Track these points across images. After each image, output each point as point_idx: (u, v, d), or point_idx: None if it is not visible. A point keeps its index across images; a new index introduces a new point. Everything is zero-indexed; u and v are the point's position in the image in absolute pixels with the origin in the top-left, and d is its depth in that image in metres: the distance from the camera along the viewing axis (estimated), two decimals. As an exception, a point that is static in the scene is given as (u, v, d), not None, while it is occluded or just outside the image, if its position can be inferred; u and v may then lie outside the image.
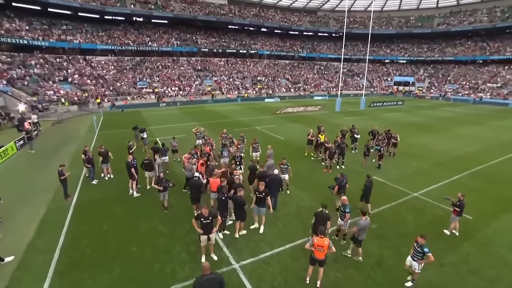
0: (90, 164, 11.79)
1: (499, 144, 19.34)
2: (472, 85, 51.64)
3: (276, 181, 9.47)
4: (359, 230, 7.09)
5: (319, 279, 6.59)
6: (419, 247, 6.40)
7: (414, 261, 6.51)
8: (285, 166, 10.60)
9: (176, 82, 43.83)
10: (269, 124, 25.37)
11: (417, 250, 6.44)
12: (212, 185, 9.50)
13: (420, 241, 6.38)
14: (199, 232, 7.15)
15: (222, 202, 8.17)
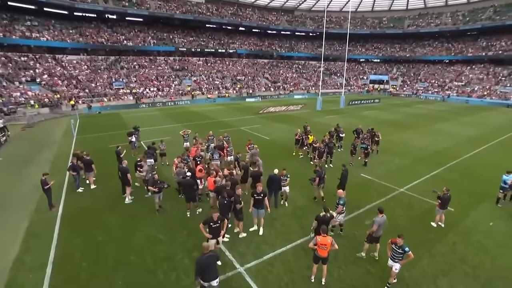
0: (75, 172, 11.19)
1: (467, 140, 20.79)
2: (440, 83, 55.02)
3: (275, 180, 9.78)
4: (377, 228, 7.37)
5: (323, 277, 6.80)
6: (398, 248, 6.35)
7: (396, 262, 6.47)
8: (285, 177, 9.98)
9: (155, 82, 42.58)
10: (253, 124, 25.45)
11: (396, 251, 6.40)
12: (209, 184, 9.53)
13: (399, 241, 6.36)
14: (207, 237, 7.11)
15: (224, 206, 8.14)
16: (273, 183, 9.80)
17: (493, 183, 12.92)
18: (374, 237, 7.48)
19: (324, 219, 7.50)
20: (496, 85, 48.48)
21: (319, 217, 7.55)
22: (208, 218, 7.13)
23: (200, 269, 5.68)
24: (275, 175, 9.81)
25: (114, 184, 12.12)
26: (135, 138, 17.53)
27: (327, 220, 7.52)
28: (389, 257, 6.62)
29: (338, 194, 8.63)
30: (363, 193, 11.78)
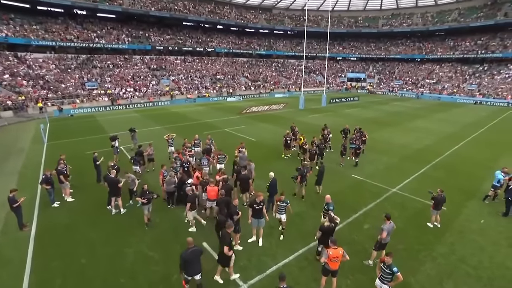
0: (49, 185, 10.07)
1: (445, 137, 21.61)
2: (413, 81, 57.44)
3: (274, 185, 9.62)
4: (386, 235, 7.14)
5: (332, 290, 6.50)
6: (387, 267, 5.72)
7: (384, 284, 5.83)
8: (283, 204, 8.17)
9: (131, 82, 40.55)
10: (238, 125, 24.89)
11: (385, 271, 5.75)
12: (209, 193, 9.05)
13: (387, 260, 5.73)
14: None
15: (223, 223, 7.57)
16: (273, 188, 9.57)
17: (475, 179, 13.49)
18: (382, 244, 7.29)
19: (330, 229, 7.20)
20: (463, 83, 51.41)
21: (324, 228, 7.23)
22: None
23: (184, 263, 5.93)
24: (273, 179, 9.67)
25: (94, 195, 11.21)
26: (133, 139, 16.70)
27: (333, 230, 7.23)
28: (378, 276, 6.00)
29: (326, 200, 8.38)
30: (357, 194, 11.71)
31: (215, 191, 9.14)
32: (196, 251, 6.05)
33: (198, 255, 6.08)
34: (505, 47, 50.99)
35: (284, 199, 8.08)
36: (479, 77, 51.31)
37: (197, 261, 6.05)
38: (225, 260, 6.57)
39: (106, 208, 10.04)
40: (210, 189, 9.08)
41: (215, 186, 9.22)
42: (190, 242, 6.09)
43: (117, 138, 14.88)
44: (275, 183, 9.71)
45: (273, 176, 9.73)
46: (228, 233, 6.58)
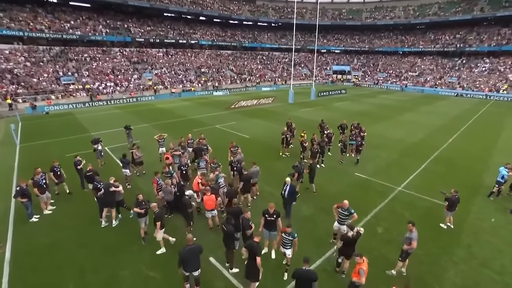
0: (26, 197, 8.77)
1: (436, 130, 21.75)
2: (397, 74, 58.35)
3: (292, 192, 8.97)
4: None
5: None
6: None
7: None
8: (289, 237, 6.67)
9: (111, 76, 38.08)
10: (228, 121, 23.85)
11: None
12: (206, 203, 8.20)
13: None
14: None
15: (231, 236, 6.79)
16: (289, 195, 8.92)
17: (474, 174, 13.42)
18: (408, 253, 6.76)
19: (354, 240, 6.59)
20: (444, 75, 52.77)
21: (348, 238, 6.60)
22: None
23: (182, 260, 5.89)
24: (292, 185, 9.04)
25: (79, 205, 10.02)
26: (129, 137, 15.73)
27: (356, 239, 6.61)
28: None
29: (344, 205, 7.70)
30: (364, 195, 11.24)
31: (212, 200, 8.30)
32: (195, 249, 6.00)
33: (197, 252, 6.03)
34: (481, 41, 52.69)
35: (291, 231, 6.56)
36: (459, 70, 52.84)
37: (196, 258, 6.03)
38: (255, 273, 5.99)
39: (97, 220, 8.93)
40: (207, 199, 8.21)
41: (212, 194, 8.33)
42: (189, 239, 6.06)
43: (99, 141, 13.51)
44: (293, 190, 9.02)
45: (290, 182, 8.99)
46: (257, 242, 6.08)
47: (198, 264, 6.07)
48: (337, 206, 7.80)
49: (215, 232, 8.54)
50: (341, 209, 7.65)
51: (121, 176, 11.19)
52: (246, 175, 9.88)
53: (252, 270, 5.97)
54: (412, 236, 6.57)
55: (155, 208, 7.43)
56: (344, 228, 7.81)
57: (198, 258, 6.06)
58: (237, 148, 12.27)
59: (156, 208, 7.43)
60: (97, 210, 9.15)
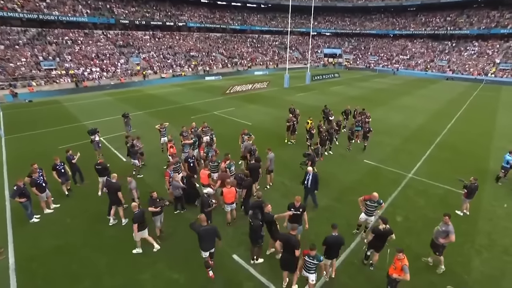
0: (25, 197, 8.03)
1: (435, 114, 21.84)
2: (388, 57, 58.28)
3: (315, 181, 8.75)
4: None
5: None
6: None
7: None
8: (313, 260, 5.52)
9: (96, 61, 35.93)
10: (226, 107, 23.10)
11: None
12: (226, 196, 7.83)
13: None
14: None
15: (258, 231, 6.44)
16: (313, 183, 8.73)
17: (479, 159, 13.54)
18: (444, 246, 6.61)
19: (386, 233, 6.37)
20: (434, 59, 53.11)
21: (380, 231, 6.37)
22: None
23: (199, 239, 6.14)
24: (315, 174, 8.80)
25: (82, 201, 9.37)
26: (126, 125, 14.94)
27: (388, 233, 6.40)
28: None
29: (373, 197, 7.46)
30: (377, 183, 11.09)
31: (232, 193, 7.93)
32: (210, 230, 6.22)
33: (213, 234, 6.24)
34: (471, 24, 52.98)
35: (315, 254, 5.45)
36: (449, 53, 53.24)
37: (212, 239, 6.26)
38: (293, 265, 5.80)
39: (103, 218, 8.36)
40: (227, 191, 7.82)
41: (232, 187, 7.94)
42: (203, 219, 6.20)
43: (97, 131, 12.63)
44: (316, 179, 8.74)
45: (312, 171, 8.69)
46: (294, 235, 5.87)
47: (213, 244, 6.35)
48: (364, 198, 7.56)
49: (233, 227, 8.20)
50: (369, 201, 7.42)
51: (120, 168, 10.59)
52: (255, 164, 9.52)
53: (289, 262, 5.82)
54: (449, 229, 6.38)
55: (135, 209, 6.84)
56: (371, 219, 7.63)
57: (214, 238, 6.31)
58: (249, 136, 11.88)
59: (136, 209, 6.85)
60: (101, 206, 8.57)
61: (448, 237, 6.40)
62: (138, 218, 6.79)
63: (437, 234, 6.62)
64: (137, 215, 6.80)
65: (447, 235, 6.42)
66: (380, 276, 6.57)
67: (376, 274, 6.68)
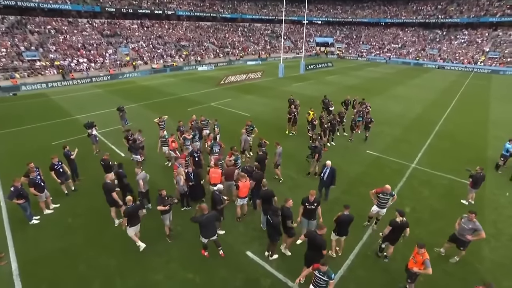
0: (23, 198, 7.60)
1: (431, 104, 21.97)
2: (380, 46, 58.29)
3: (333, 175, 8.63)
4: None
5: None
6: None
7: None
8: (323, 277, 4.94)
9: (82, 51, 34.40)
10: (222, 98, 22.62)
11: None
12: (241, 190, 7.67)
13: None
14: None
15: (278, 226, 6.33)
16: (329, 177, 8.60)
17: (477, 148, 13.75)
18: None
19: (401, 225, 6.35)
20: (425, 47, 53.45)
21: (397, 224, 6.34)
22: None
23: (201, 227, 6.34)
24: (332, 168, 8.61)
25: (83, 200, 8.99)
26: (122, 119, 14.32)
27: (405, 226, 6.38)
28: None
29: (385, 190, 7.41)
30: (381, 173, 11.12)
31: (247, 186, 7.78)
32: (211, 217, 6.41)
33: (213, 220, 6.47)
34: (461, 12, 53.32)
35: (327, 269, 4.88)
36: (439, 42, 53.65)
37: (212, 225, 6.50)
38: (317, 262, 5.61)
39: (106, 216, 8.04)
40: (243, 185, 7.65)
41: (247, 181, 7.75)
42: (204, 208, 6.39)
43: (94, 125, 12.10)
44: (334, 174, 8.61)
45: (330, 165, 8.56)
46: (321, 235, 5.71)
47: (215, 231, 6.57)
48: (376, 191, 7.51)
49: (243, 222, 8.07)
50: (382, 193, 7.37)
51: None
52: (261, 155, 9.39)
53: (314, 260, 5.62)
54: (476, 226, 6.36)
55: (129, 202, 6.69)
56: (383, 212, 7.61)
57: (215, 224, 6.61)
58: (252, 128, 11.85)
59: (130, 203, 6.69)
60: (102, 204, 8.12)
61: (477, 234, 6.40)
62: (129, 213, 6.56)
63: (462, 231, 6.54)
64: (128, 209, 6.56)
65: (475, 232, 6.42)
66: (395, 268, 6.61)
67: (392, 266, 6.70)
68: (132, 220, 6.67)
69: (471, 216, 6.39)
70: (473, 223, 6.40)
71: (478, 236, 6.40)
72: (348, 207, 6.54)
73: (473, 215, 6.38)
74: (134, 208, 6.69)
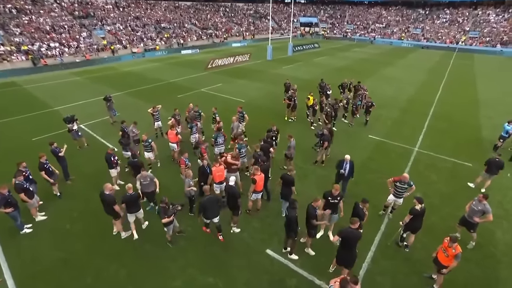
0: (11, 207, 6.75)
1: (421, 85, 22.08)
2: (364, 25, 57.87)
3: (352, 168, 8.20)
4: None
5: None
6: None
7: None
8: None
9: (52, 35, 31.47)
10: (213, 83, 21.59)
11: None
12: (258, 184, 7.27)
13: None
14: None
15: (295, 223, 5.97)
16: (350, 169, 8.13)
17: (473, 129, 13.99)
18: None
19: (421, 212, 6.27)
20: (409, 26, 53.64)
21: (416, 211, 6.23)
22: None
23: (203, 209, 6.42)
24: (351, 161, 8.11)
25: (74, 203, 8.20)
26: (110, 110, 13.29)
27: (424, 213, 6.29)
28: None
29: (403, 179, 7.21)
30: (387, 159, 11.03)
31: (262, 179, 7.37)
32: (213, 199, 6.49)
33: (215, 202, 6.50)
34: (443, -11, 53.52)
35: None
36: (422, 21, 53.95)
37: (215, 207, 6.49)
38: (351, 260, 5.59)
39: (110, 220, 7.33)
40: (260, 179, 7.22)
41: (262, 174, 7.33)
42: (206, 190, 6.53)
43: (75, 119, 11.03)
44: (353, 166, 8.20)
45: (349, 159, 8.11)
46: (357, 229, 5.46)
47: (217, 211, 6.55)
48: (394, 180, 7.31)
49: (258, 219, 7.68)
50: (399, 182, 7.17)
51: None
52: (265, 145, 8.96)
53: (348, 257, 5.54)
54: (486, 208, 6.36)
55: (129, 190, 6.58)
56: (400, 201, 7.46)
57: (217, 206, 6.54)
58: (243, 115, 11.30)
59: (130, 191, 6.58)
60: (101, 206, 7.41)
61: (485, 217, 6.40)
62: (126, 200, 6.51)
63: (472, 213, 6.59)
64: (126, 197, 6.51)
65: (483, 214, 6.41)
66: (417, 257, 6.57)
67: (414, 256, 6.64)
68: (131, 208, 6.66)
69: (480, 198, 6.46)
70: (482, 205, 6.45)
71: (486, 219, 6.46)
72: (366, 201, 6.29)
73: (482, 197, 6.45)
74: (132, 197, 6.57)
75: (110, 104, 13.19)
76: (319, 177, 9.75)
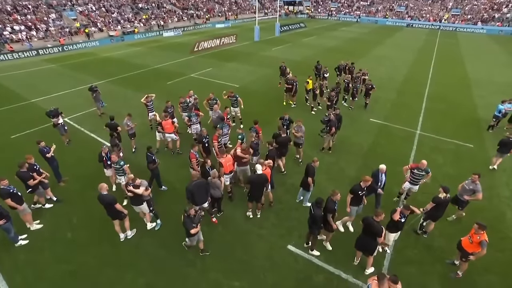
0: (3, 218, 6.00)
1: (413, 64, 22.13)
2: (349, 3, 56.85)
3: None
4: None
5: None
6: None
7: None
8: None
9: (16, 16, 28.46)
10: (202, 68, 20.53)
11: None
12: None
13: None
14: None
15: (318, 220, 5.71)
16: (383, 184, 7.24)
17: (468, 109, 14.18)
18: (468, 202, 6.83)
19: (445, 201, 6.16)
20: (393, 4, 53.23)
21: (439, 200, 6.15)
22: None
23: (191, 194, 6.17)
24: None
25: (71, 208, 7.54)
26: (96, 101, 12.35)
27: (448, 202, 6.22)
28: None
29: (421, 166, 7.02)
30: (392, 143, 10.94)
31: (268, 173, 6.97)
32: (200, 183, 6.27)
33: (203, 186, 6.31)
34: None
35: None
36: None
37: (203, 192, 6.31)
38: (371, 249, 5.55)
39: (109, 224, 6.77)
40: (267, 172, 6.89)
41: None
42: (194, 175, 6.33)
43: (60, 113, 10.02)
44: None
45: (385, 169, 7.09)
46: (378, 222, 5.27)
47: (206, 197, 6.42)
48: (411, 166, 7.17)
49: (274, 213, 7.37)
50: (417, 169, 7.03)
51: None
52: (284, 137, 8.52)
53: (368, 245, 5.54)
54: (477, 187, 6.51)
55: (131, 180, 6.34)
56: (415, 188, 7.35)
57: (205, 191, 6.37)
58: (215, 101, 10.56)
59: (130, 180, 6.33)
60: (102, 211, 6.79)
61: (474, 195, 6.59)
62: None
63: (462, 191, 6.76)
64: None
65: (474, 193, 6.59)
66: (438, 244, 6.57)
67: (434, 243, 6.62)
68: (134, 200, 6.43)
69: (474, 178, 6.54)
70: (474, 184, 6.58)
71: (475, 197, 6.62)
72: None
73: (476, 176, 6.52)
74: None
75: (96, 95, 12.12)
76: (327, 164, 9.52)
